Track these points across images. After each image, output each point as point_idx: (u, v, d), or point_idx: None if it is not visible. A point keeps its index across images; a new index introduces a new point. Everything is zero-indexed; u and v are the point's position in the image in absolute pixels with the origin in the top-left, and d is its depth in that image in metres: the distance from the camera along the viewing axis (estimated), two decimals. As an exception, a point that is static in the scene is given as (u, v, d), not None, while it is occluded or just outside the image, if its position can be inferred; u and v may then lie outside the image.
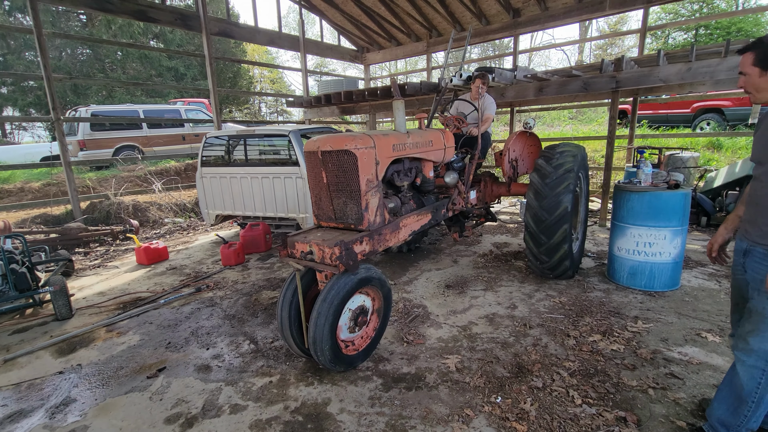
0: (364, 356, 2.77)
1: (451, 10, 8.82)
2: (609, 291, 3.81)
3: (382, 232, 2.88)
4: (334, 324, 2.43)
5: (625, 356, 2.73)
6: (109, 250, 5.98)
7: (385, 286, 2.78)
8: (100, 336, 3.41)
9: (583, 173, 4.16)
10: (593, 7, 7.53)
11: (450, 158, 3.85)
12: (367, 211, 2.73)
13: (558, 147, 4.00)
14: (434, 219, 3.60)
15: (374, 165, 2.77)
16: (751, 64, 1.71)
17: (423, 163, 3.55)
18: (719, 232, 2.12)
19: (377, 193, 2.80)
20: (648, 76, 5.30)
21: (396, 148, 3.06)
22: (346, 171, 2.67)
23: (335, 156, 2.68)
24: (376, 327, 2.85)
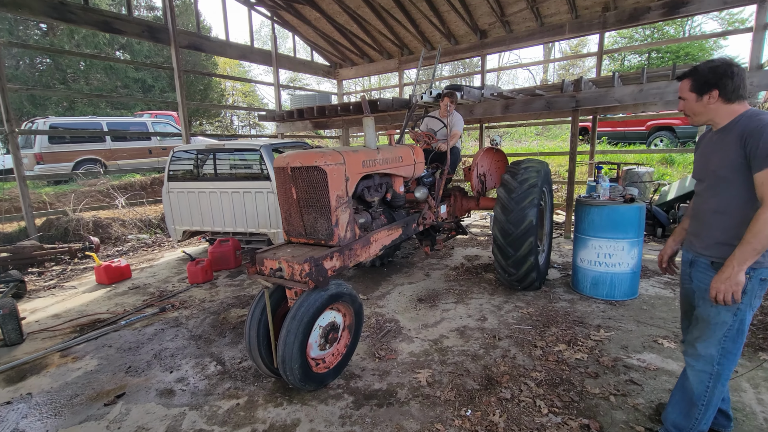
0: (335, 374, 2.73)
1: (421, 30, 9.10)
2: (573, 301, 3.95)
3: (353, 247, 2.87)
4: (303, 342, 2.40)
5: (588, 365, 2.83)
6: (66, 270, 5.66)
7: (356, 301, 2.76)
8: (54, 362, 3.21)
9: (547, 188, 4.33)
10: (554, 31, 7.97)
11: (420, 173, 3.92)
12: (338, 227, 2.72)
13: (523, 163, 4.15)
14: (405, 233, 3.62)
15: (344, 181, 2.78)
16: (688, 90, 1.87)
17: (393, 179, 3.60)
18: (668, 244, 2.26)
19: (347, 209, 2.80)
20: (605, 97, 5.63)
21: (366, 164, 3.08)
22: (316, 187, 2.67)
23: (305, 172, 2.68)
24: (347, 343, 2.81)
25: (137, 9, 21.57)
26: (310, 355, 2.57)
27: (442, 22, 8.62)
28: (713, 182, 1.86)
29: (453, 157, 4.58)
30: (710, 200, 1.88)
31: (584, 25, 7.56)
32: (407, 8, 8.50)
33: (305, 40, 10.69)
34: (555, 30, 7.93)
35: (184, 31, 8.12)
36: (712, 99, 1.80)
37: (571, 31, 7.77)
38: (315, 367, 2.61)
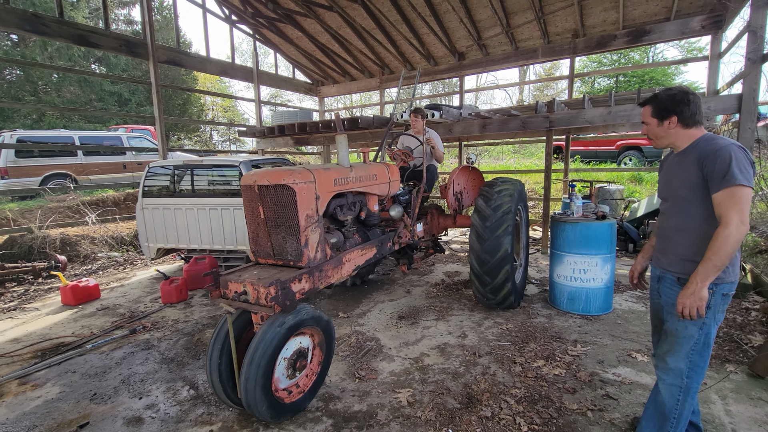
0: (311, 395, 2.65)
1: (401, 51, 9.33)
2: (551, 316, 4.01)
3: (324, 268, 2.76)
4: (266, 382, 2.25)
5: (566, 380, 2.86)
6: (28, 290, 5.37)
7: (321, 320, 2.61)
8: (11, 390, 3.01)
9: (522, 205, 4.40)
10: (528, 55, 8.31)
11: (395, 191, 3.89)
12: (307, 248, 2.61)
13: (496, 185, 4.06)
14: (380, 252, 3.52)
15: (314, 200, 2.69)
16: (650, 116, 1.98)
17: (367, 197, 3.54)
18: (638, 260, 2.34)
19: (318, 229, 2.71)
20: (576, 118, 5.87)
21: (338, 182, 3.01)
22: (285, 206, 2.56)
23: (273, 190, 2.57)
24: (320, 360, 2.72)
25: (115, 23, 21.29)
26: (278, 388, 2.45)
27: (422, 44, 8.87)
28: (676, 201, 1.95)
29: (429, 175, 4.61)
30: (673, 218, 1.97)
31: (556, 50, 7.93)
32: (388, 30, 8.72)
33: (287, 58, 10.77)
34: (529, 54, 8.27)
35: (163, 46, 8.05)
36: (671, 124, 1.91)
37: (544, 55, 8.12)
38: (287, 397, 2.49)
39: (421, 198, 4.37)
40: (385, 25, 8.55)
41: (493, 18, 7.69)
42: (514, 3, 7.33)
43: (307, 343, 2.62)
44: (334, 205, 3.13)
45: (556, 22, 7.55)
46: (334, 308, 4.45)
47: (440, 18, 8.01)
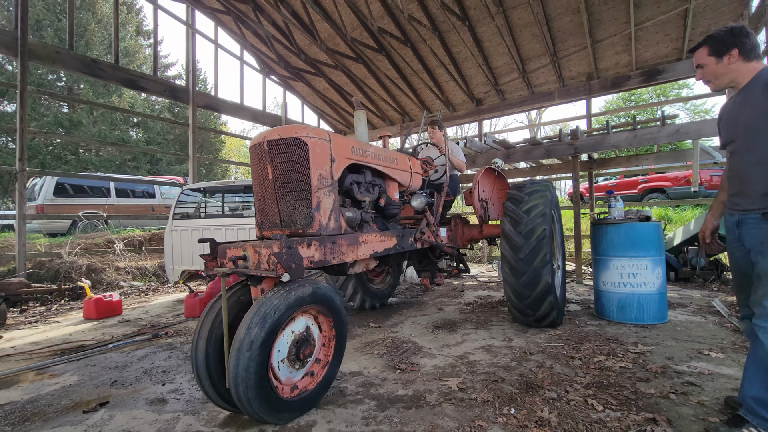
0: (319, 393, 2.17)
1: (421, 98, 9.90)
2: (601, 326, 3.68)
3: (337, 240, 2.40)
4: (262, 370, 1.82)
5: (635, 371, 2.54)
6: (51, 308, 5.27)
7: (333, 301, 2.21)
8: (27, 378, 2.81)
9: (555, 212, 3.95)
10: (544, 97, 8.71)
11: (417, 186, 3.66)
12: (319, 212, 2.32)
13: (522, 202, 3.57)
14: (400, 245, 3.13)
15: (329, 161, 2.44)
16: (707, 56, 1.98)
17: (387, 182, 3.26)
18: (707, 219, 2.20)
19: (331, 194, 2.42)
20: (601, 143, 5.94)
21: (356, 151, 2.76)
22: (296, 163, 2.29)
23: (283, 145, 2.29)
24: (327, 363, 2.24)
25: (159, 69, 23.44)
26: (278, 379, 2.00)
27: (441, 91, 9.42)
28: (748, 137, 1.87)
29: (452, 183, 4.41)
30: (746, 155, 1.88)
31: (571, 91, 8.30)
32: (409, 79, 9.34)
33: (313, 109, 11.50)
34: (545, 97, 8.66)
35: (202, 93, 8.74)
36: (732, 58, 1.90)
37: (560, 97, 8.49)
38: (289, 392, 2.05)
39: (444, 200, 4.11)
40: (407, 74, 9.18)
41: (509, 64, 8.20)
42: (529, 49, 7.86)
43: (316, 332, 2.22)
44: (351, 179, 2.81)
45: (571, 66, 8.00)
46: (364, 320, 4.20)
47: (459, 65, 8.58)
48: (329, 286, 2.25)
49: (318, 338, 2.23)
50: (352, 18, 7.90)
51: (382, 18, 7.74)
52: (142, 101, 22.77)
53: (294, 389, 2.09)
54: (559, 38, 7.43)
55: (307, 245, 2.17)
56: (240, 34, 9.09)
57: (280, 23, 8.61)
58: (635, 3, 6.36)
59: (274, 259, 1.93)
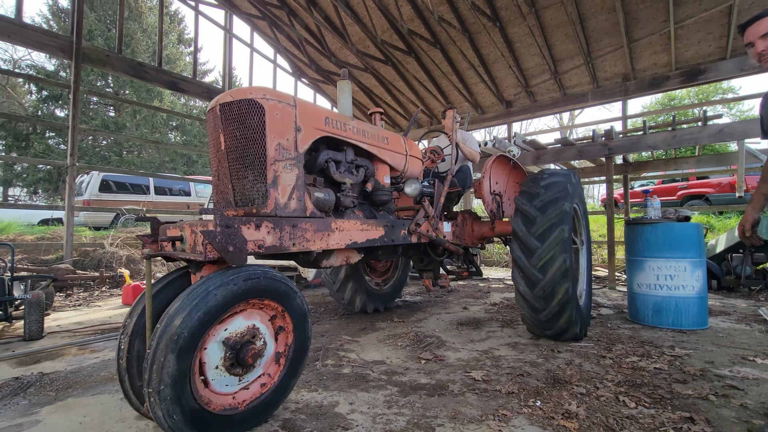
0: (264, 411, 1.79)
1: (450, 101, 9.86)
2: (636, 329, 3.53)
3: (299, 224, 2.01)
4: (182, 376, 1.45)
5: (671, 373, 2.42)
6: (93, 294, 5.59)
7: (287, 292, 1.81)
8: (71, 352, 3.00)
9: (580, 206, 3.47)
10: (577, 99, 8.48)
11: (415, 173, 3.25)
12: (276, 188, 1.98)
13: (542, 178, 3.18)
14: (388, 237, 2.69)
15: (292, 129, 2.09)
16: None
17: (376, 165, 2.84)
18: (748, 211, 2.07)
19: (294, 168, 2.07)
20: (637, 143, 5.72)
21: (331, 123, 2.37)
22: (250, 129, 1.97)
23: (236, 109, 1.98)
24: (285, 358, 1.87)
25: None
26: (211, 389, 1.61)
27: (470, 93, 9.35)
28: None
29: (462, 174, 4.02)
30: None
31: (606, 93, 8.04)
32: (438, 81, 9.34)
33: (342, 112, 11.68)
34: (578, 98, 8.43)
35: (237, 95, 9.08)
36: None
37: (593, 99, 8.24)
38: (211, 405, 1.60)
39: (450, 192, 3.70)
40: (435, 76, 9.18)
41: (541, 65, 8.06)
42: (562, 50, 7.69)
43: (263, 326, 1.79)
44: (326, 156, 2.42)
45: (605, 67, 7.76)
46: (387, 315, 4.21)
47: (489, 67, 8.51)
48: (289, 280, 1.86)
49: (269, 338, 1.82)
50: (382, 20, 8.01)
51: (412, 20, 7.80)
52: (181, 106, 23.87)
53: (232, 402, 1.69)
54: (593, 38, 7.24)
55: (255, 226, 1.78)
56: (274, 38, 9.40)
57: (313, 27, 8.84)
58: (675, 1, 6.12)
59: (206, 235, 1.58)
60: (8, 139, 17.29)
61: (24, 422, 1.88)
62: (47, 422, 1.89)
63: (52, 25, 18.11)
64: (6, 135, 17.19)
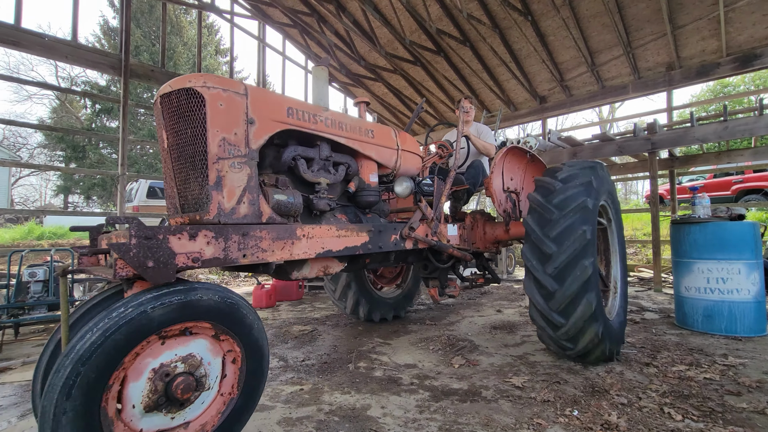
0: None
1: (481, 99, 9.70)
2: (683, 335, 3.33)
3: (251, 232, 1.72)
4: (83, 414, 1.20)
5: (723, 384, 2.27)
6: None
7: (233, 312, 1.53)
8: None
9: (610, 204, 3.04)
10: (616, 91, 8.08)
11: (412, 170, 2.89)
12: (220, 191, 1.70)
13: (561, 171, 2.80)
14: (374, 243, 2.33)
15: (242, 122, 1.80)
16: None
17: (360, 161, 2.52)
18: None
19: (245, 167, 1.79)
20: (684, 137, 5.39)
21: (294, 114, 2.06)
22: (190, 123, 1.74)
23: (175, 100, 1.74)
24: (235, 391, 1.60)
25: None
26: (131, 429, 1.34)
27: (502, 90, 9.15)
28: None
29: (473, 171, 3.54)
30: None
31: (649, 84, 7.61)
32: (468, 80, 9.21)
33: (371, 113, 11.78)
34: (617, 91, 8.04)
35: (271, 102, 9.38)
36: None
37: (635, 90, 7.82)
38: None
39: (457, 190, 3.34)
40: (465, 75, 9.06)
41: (577, 58, 7.75)
42: (599, 41, 7.36)
43: (205, 354, 1.51)
44: (293, 153, 2.13)
45: (647, 56, 7.35)
46: (421, 318, 4.20)
47: (521, 62, 8.29)
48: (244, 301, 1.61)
49: (213, 368, 1.54)
50: (410, 22, 8.00)
51: (441, 19, 7.74)
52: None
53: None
54: (633, 27, 6.88)
55: (190, 236, 1.51)
56: (305, 45, 9.62)
57: (342, 32, 8.97)
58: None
59: (117, 248, 1.34)
60: (67, 151, 18.79)
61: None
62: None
63: (103, 43, 19.46)
64: (65, 147, 18.71)
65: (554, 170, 2.84)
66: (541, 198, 2.66)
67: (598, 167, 2.84)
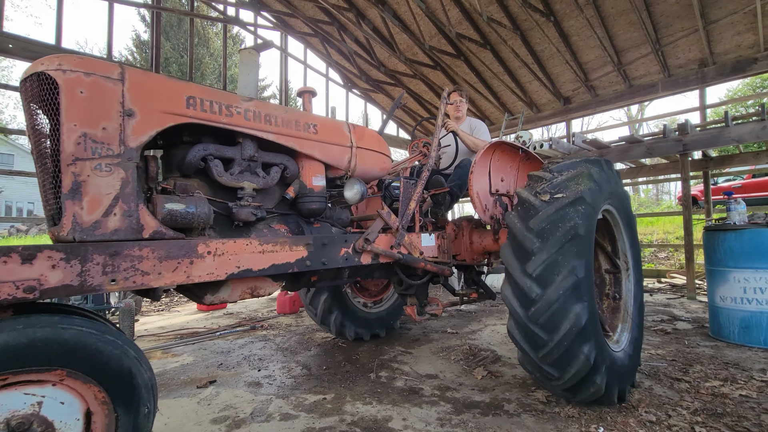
0: None
1: (502, 101, 9.58)
2: (718, 348, 3.18)
3: (124, 251, 1.40)
4: None
5: (760, 402, 2.16)
6: (173, 299, 6.21)
7: (90, 351, 1.23)
8: (156, 356, 3.37)
9: (616, 207, 2.49)
10: (645, 90, 7.81)
11: (369, 170, 2.45)
12: (76, 199, 1.39)
13: (555, 164, 2.37)
14: (315, 259, 1.96)
15: (115, 113, 1.48)
16: None
17: (301, 161, 2.16)
18: None
19: (117, 170, 1.46)
20: (718, 137, 5.16)
21: (196, 104, 1.69)
22: (47, 116, 1.47)
23: (29, 88, 1.46)
24: None
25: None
26: None
27: (524, 92, 9.01)
28: None
29: (460, 171, 3.05)
30: None
31: (680, 81, 7.32)
32: (489, 82, 9.12)
33: (393, 119, 11.82)
34: (646, 89, 7.77)
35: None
36: None
37: (664, 89, 7.54)
38: None
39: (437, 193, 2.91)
40: (486, 77, 8.98)
41: (602, 57, 7.54)
42: (626, 39, 7.15)
43: (61, 415, 1.21)
44: (202, 152, 1.77)
45: (678, 53, 7.07)
46: (442, 326, 4.19)
47: (543, 64, 8.14)
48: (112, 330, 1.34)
49: (66, 427, 1.22)
50: (429, 27, 8.01)
51: (460, 23, 7.71)
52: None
53: None
54: (662, 23, 6.64)
55: (24, 258, 1.22)
56: (326, 53, 9.78)
57: (362, 39, 9.07)
58: (762, -27, 5.44)
59: None
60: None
61: (120, 420, 2.17)
62: (139, 421, 2.15)
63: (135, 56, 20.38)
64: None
65: (539, 177, 2.31)
66: (528, 191, 2.24)
67: (602, 163, 2.38)
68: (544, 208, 2.08)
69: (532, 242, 2.02)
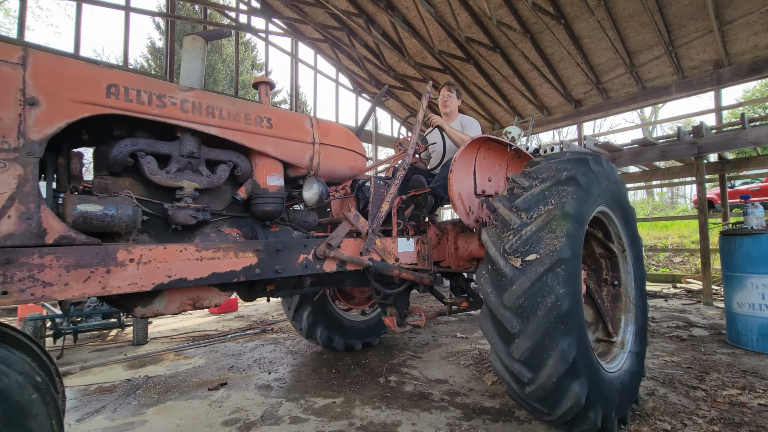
0: None
1: (513, 104, 9.54)
2: (736, 355, 3.11)
3: (20, 258, 1.24)
4: None
5: (781, 412, 2.11)
6: (185, 302, 6.30)
7: None
8: (169, 358, 3.42)
9: (614, 211, 2.25)
10: (658, 92, 7.71)
11: (337, 169, 2.27)
12: None
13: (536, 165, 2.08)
14: (266, 267, 1.75)
15: (13, 102, 1.32)
16: None
17: (254, 159, 1.97)
18: None
19: (12, 166, 1.29)
20: (734, 140, 5.06)
21: (119, 93, 1.53)
22: None
23: None
24: None
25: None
26: None
27: (534, 95, 8.96)
28: None
29: (447, 171, 2.60)
30: None
31: (694, 83, 7.21)
32: (499, 86, 9.10)
33: (401, 121, 11.86)
34: (659, 91, 7.67)
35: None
36: None
37: (678, 91, 7.43)
38: None
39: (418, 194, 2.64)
40: (496, 81, 8.95)
41: (614, 59, 7.47)
42: (638, 41, 7.07)
43: None
44: (130, 147, 1.62)
45: (692, 54, 6.97)
46: (452, 330, 4.17)
47: (554, 66, 8.09)
48: None
49: None
50: (439, 31, 8.03)
51: (470, 27, 7.71)
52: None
53: None
54: (675, 24, 6.56)
55: None
56: (336, 59, 9.87)
57: (372, 44, 9.13)
58: (779, -28, 5.34)
59: None
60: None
61: (135, 421, 2.21)
62: (152, 423, 2.19)
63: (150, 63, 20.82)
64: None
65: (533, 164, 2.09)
66: (503, 202, 1.98)
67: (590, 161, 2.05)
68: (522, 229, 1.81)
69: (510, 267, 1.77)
